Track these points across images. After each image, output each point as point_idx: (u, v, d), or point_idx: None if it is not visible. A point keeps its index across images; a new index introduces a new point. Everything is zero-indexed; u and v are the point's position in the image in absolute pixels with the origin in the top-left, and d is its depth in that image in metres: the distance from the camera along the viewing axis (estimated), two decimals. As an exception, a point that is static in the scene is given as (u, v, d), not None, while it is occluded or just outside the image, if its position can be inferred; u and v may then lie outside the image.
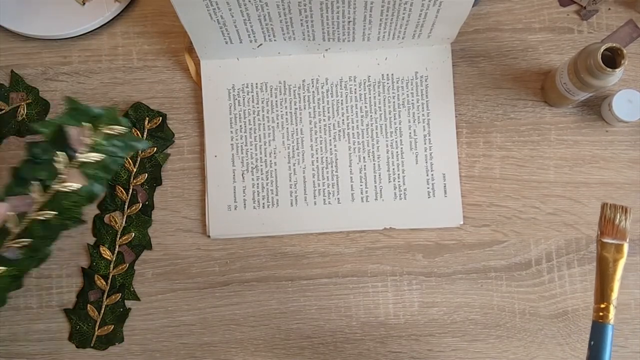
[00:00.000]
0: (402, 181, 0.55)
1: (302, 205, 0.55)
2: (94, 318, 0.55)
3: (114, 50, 0.58)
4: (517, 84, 0.56)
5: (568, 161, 0.55)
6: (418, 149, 0.55)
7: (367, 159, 0.55)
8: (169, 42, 0.58)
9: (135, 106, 0.56)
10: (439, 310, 0.55)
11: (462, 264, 0.55)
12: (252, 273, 0.55)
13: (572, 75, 0.48)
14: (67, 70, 0.58)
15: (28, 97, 0.57)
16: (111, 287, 0.55)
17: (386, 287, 0.55)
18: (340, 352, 0.55)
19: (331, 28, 0.52)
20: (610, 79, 0.46)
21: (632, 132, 0.55)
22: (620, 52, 0.45)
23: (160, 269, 0.56)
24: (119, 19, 0.58)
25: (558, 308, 0.54)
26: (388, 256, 0.55)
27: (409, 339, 0.54)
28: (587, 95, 0.51)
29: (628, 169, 0.55)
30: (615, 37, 0.56)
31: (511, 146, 0.56)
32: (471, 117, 0.56)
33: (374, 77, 0.56)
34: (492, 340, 0.54)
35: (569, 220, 0.55)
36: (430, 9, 0.50)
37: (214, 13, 0.50)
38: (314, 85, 0.56)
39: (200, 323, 0.55)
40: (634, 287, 0.54)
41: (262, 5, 0.49)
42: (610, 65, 0.45)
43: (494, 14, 0.57)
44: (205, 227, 0.55)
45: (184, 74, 0.58)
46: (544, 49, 0.57)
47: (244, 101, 0.56)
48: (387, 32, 0.53)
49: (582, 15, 0.57)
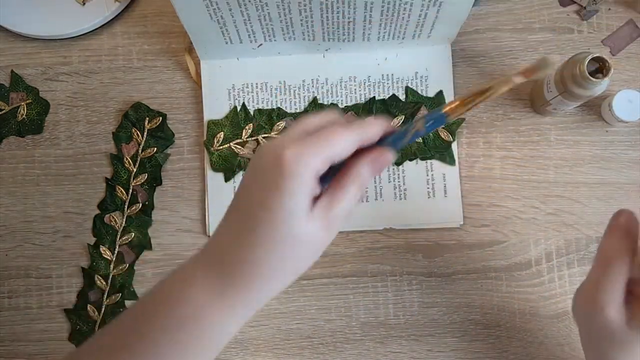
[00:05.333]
0: (402, 181, 0.55)
1: (302, 205, 0.55)
2: (94, 318, 0.55)
3: (114, 50, 0.58)
4: (517, 84, 0.56)
5: (568, 161, 0.55)
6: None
7: (367, 159, 0.55)
8: (169, 42, 0.58)
9: (135, 106, 0.56)
10: (439, 310, 0.55)
11: (462, 264, 0.55)
12: (252, 273, 0.55)
13: (559, 85, 0.48)
14: (67, 70, 0.58)
15: (28, 97, 0.57)
16: (111, 287, 0.55)
17: (386, 287, 0.55)
18: (340, 352, 0.55)
19: (331, 28, 0.52)
20: (596, 89, 0.47)
21: (632, 132, 0.55)
22: (606, 62, 0.45)
23: (160, 269, 0.56)
24: (119, 19, 0.58)
25: (558, 308, 0.54)
26: (388, 256, 0.55)
27: (409, 339, 0.54)
28: (574, 105, 0.51)
29: (628, 169, 0.55)
30: (615, 37, 0.56)
31: (511, 146, 0.56)
32: (471, 117, 0.56)
33: (374, 77, 0.56)
34: (492, 340, 0.54)
35: (569, 220, 0.55)
36: (430, 9, 0.50)
37: (214, 13, 0.50)
38: (314, 85, 0.56)
39: (200, 323, 0.55)
40: (634, 287, 0.54)
41: (262, 6, 0.49)
42: (596, 75, 0.45)
43: (494, 14, 0.57)
44: (205, 227, 0.55)
45: (184, 74, 0.58)
46: (544, 49, 0.57)
47: (244, 101, 0.56)
48: (387, 32, 0.53)
49: (582, 15, 0.57)
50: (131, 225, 0.56)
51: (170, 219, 0.56)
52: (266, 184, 0.32)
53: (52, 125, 0.57)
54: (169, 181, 0.56)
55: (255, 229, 0.32)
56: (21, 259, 0.56)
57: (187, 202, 0.56)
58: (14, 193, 0.57)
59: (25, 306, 0.56)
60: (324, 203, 0.33)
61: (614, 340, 0.36)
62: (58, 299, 0.56)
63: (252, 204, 0.33)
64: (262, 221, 0.32)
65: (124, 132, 0.56)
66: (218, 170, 0.55)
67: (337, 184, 0.33)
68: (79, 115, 0.57)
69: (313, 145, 0.32)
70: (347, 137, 0.32)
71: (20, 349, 0.55)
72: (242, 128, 0.56)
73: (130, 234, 0.55)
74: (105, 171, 0.57)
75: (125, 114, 0.56)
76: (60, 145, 0.57)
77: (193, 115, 0.57)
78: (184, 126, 0.57)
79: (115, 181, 0.56)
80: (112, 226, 0.56)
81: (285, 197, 0.31)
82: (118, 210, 0.56)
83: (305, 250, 0.33)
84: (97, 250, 0.55)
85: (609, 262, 0.36)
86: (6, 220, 0.56)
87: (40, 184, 0.57)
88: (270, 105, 0.56)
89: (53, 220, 0.56)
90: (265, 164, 0.32)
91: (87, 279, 0.55)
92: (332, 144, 0.32)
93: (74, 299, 0.56)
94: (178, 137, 0.57)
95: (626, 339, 0.36)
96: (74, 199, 0.56)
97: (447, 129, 0.55)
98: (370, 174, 0.34)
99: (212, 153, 0.55)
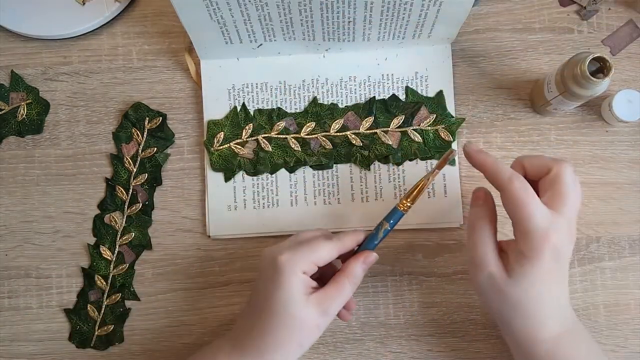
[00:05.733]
0: (402, 181, 0.55)
1: (302, 205, 0.55)
2: (94, 318, 0.55)
3: (114, 50, 0.58)
4: (517, 84, 0.56)
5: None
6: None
7: (367, 159, 0.55)
8: (169, 42, 0.58)
9: (135, 106, 0.56)
10: (439, 310, 0.55)
11: (462, 264, 0.55)
12: (252, 273, 0.55)
13: (559, 85, 0.48)
14: (67, 70, 0.58)
15: (28, 97, 0.57)
16: (111, 287, 0.55)
17: (386, 287, 0.55)
18: (340, 352, 0.55)
19: (331, 28, 0.52)
20: (597, 89, 0.47)
21: (632, 132, 0.55)
22: (607, 62, 0.45)
23: (160, 269, 0.56)
24: (119, 19, 0.58)
25: (558, 308, 0.54)
26: (388, 256, 0.55)
27: (409, 339, 0.54)
28: (574, 105, 0.51)
29: (628, 169, 0.55)
30: (615, 37, 0.56)
31: (511, 146, 0.56)
32: (471, 117, 0.56)
33: (374, 77, 0.56)
34: (492, 340, 0.54)
35: (569, 220, 0.55)
36: (430, 9, 0.50)
37: (214, 13, 0.50)
38: (314, 85, 0.56)
39: (200, 323, 0.55)
40: (634, 287, 0.54)
41: (262, 6, 0.49)
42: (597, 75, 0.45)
43: (494, 14, 0.57)
44: (205, 227, 0.55)
45: (184, 74, 0.58)
46: (544, 49, 0.57)
47: (244, 101, 0.56)
48: (387, 32, 0.53)
49: (582, 15, 0.57)
50: (131, 225, 0.56)
51: (170, 219, 0.56)
52: (267, 282, 0.43)
53: (52, 125, 0.57)
54: (169, 181, 0.56)
55: (263, 318, 0.42)
56: (21, 259, 0.56)
57: (187, 202, 0.56)
58: (14, 193, 0.57)
59: (25, 306, 0.56)
60: (321, 294, 0.43)
61: (501, 291, 0.42)
62: (58, 299, 0.56)
63: (259, 298, 0.43)
64: (267, 311, 0.42)
65: (124, 132, 0.56)
66: (218, 170, 0.55)
67: (333, 279, 0.44)
68: (79, 115, 0.57)
69: (301, 252, 0.43)
70: (329, 248, 0.44)
71: (20, 349, 0.55)
72: (242, 128, 0.56)
73: (130, 234, 0.55)
74: (105, 171, 0.57)
75: (125, 114, 0.56)
76: (60, 145, 0.57)
77: (193, 115, 0.57)
78: (184, 126, 0.57)
79: (115, 181, 0.56)
80: (112, 226, 0.56)
81: (282, 290, 0.42)
82: (118, 210, 0.56)
83: (305, 330, 0.42)
84: (97, 250, 0.55)
85: (474, 228, 0.43)
86: (6, 220, 0.56)
87: (40, 184, 0.57)
88: (270, 105, 0.56)
89: (53, 220, 0.56)
90: (265, 265, 0.44)
91: (87, 279, 0.55)
92: (316, 251, 0.43)
93: (74, 299, 0.56)
94: (178, 137, 0.57)
95: (509, 288, 0.41)
96: (74, 199, 0.56)
97: (447, 129, 0.55)
98: (362, 270, 0.44)
99: (212, 153, 0.55)
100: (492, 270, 0.42)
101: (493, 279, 0.42)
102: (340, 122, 0.55)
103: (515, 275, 0.41)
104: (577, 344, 0.43)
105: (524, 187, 0.40)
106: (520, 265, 0.41)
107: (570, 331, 0.43)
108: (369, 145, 0.55)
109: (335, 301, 0.43)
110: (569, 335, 0.43)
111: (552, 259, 0.40)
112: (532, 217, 0.40)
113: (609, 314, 0.54)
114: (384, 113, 0.55)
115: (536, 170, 0.43)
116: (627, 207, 0.55)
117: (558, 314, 0.43)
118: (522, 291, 0.41)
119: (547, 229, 0.40)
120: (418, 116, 0.55)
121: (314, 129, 0.55)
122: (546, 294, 0.41)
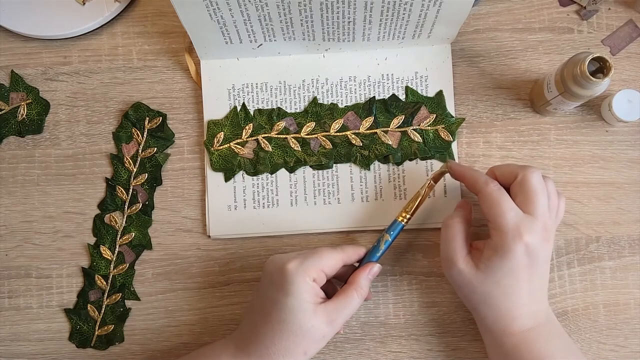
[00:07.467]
0: (402, 181, 0.55)
1: (302, 205, 0.55)
2: (94, 318, 0.55)
3: (114, 50, 0.58)
4: (517, 84, 0.56)
5: (568, 161, 0.55)
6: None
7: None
8: (169, 42, 0.58)
9: (135, 106, 0.56)
10: (439, 310, 0.55)
11: (462, 264, 0.55)
12: (252, 273, 0.55)
13: (559, 85, 0.48)
14: (67, 70, 0.58)
15: (28, 97, 0.57)
16: (111, 287, 0.55)
17: (386, 287, 0.55)
18: (340, 352, 0.55)
19: (331, 28, 0.52)
20: (596, 89, 0.47)
21: (632, 132, 0.55)
22: (607, 62, 0.45)
23: (161, 269, 0.56)
24: (119, 19, 0.58)
25: (558, 308, 0.54)
26: (388, 256, 0.55)
27: (409, 338, 0.54)
28: (574, 105, 0.51)
29: (628, 169, 0.55)
30: (615, 37, 0.56)
31: (511, 146, 0.56)
32: (471, 117, 0.56)
33: (374, 77, 0.56)
34: (492, 340, 0.54)
35: (569, 220, 0.55)
36: (430, 9, 0.50)
37: (214, 13, 0.50)
38: (314, 85, 0.56)
39: (200, 323, 0.55)
40: (634, 287, 0.54)
41: (262, 6, 0.49)
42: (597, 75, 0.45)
43: (494, 14, 0.57)
44: (205, 227, 0.55)
45: (184, 74, 0.58)
46: (544, 49, 0.57)
47: (244, 101, 0.56)
48: (387, 32, 0.53)
49: (582, 15, 0.57)
50: (131, 225, 0.56)
51: (170, 219, 0.56)
52: (275, 289, 0.44)
53: (52, 125, 0.57)
54: (169, 181, 0.56)
55: (269, 324, 0.43)
56: (21, 259, 0.56)
57: (187, 202, 0.56)
58: (14, 193, 0.57)
59: (25, 306, 0.56)
60: (329, 305, 0.44)
61: (471, 284, 0.45)
62: (58, 299, 0.56)
63: (265, 304, 0.44)
64: (274, 318, 0.43)
65: (124, 132, 0.56)
66: (218, 170, 0.55)
67: (341, 291, 0.46)
68: (79, 115, 0.57)
69: (310, 259, 0.44)
70: (334, 256, 0.46)
71: (21, 349, 0.55)
72: (242, 128, 0.56)
73: (130, 233, 0.55)
74: (105, 171, 0.57)
75: (125, 114, 0.56)
76: (60, 145, 0.57)
77: (193, 115, 0.57)
78: (184, 126, 0.57)
79: (115, 181, 0.56)
80: (112, 226, 0.56)
81: (291, 297, 0.43)
82: (118, 210, 0.56)
83: (312, 339, 0.43)
84: (97, 250, 0.55)
85: (447, 227, 0.47)
86: (6, 220, 0.56)
87: (40, 184, 0.57)
88: (270, 105, 0.56)
89: (53, 220, 0.56)
90: (273, 272, 0.45)
91: (87, 278, 0.55)
92: (323, 258, 0.45)
93: (74, 299, 0.56)
94: (178, 137, 0.57)
95: (478, 281, 0.44)
96: (74, 199, 0.56)
97: (447, 129, 0.55)
98: (367, 282, 0.47)
99: (212, 153, 0.55)
100: (461, 266, 0.45)
101: (462, 272, 0.45)
102: (340, 122, 0.55)
103: (485, 269, 0.44)
104: (548, 339, 0.45)
105: (497, 188, 0.44)
106: (489, 259, 0.44)
107: (541, 326, 0.45)
108: (369, 145, 0.55)
109: (343, 312, 0.45)
110: (539, 330, 0.45)
111: (524, 256, 0.43)
112: (504, 213, 0.43)
113: (608, 314, 0.54)
114: (384, 113, 0.55)
115: (506, 177, 0.46)
116: (627, 207, 0.55)
117: (528, 310, 0.45)
118: (492, 284, 0.44)
119: (518, 226, 0.42)
120: (418, 116, 0.55)
121: (314, 129, 0.55)
122: (515, 288, 0.44)
